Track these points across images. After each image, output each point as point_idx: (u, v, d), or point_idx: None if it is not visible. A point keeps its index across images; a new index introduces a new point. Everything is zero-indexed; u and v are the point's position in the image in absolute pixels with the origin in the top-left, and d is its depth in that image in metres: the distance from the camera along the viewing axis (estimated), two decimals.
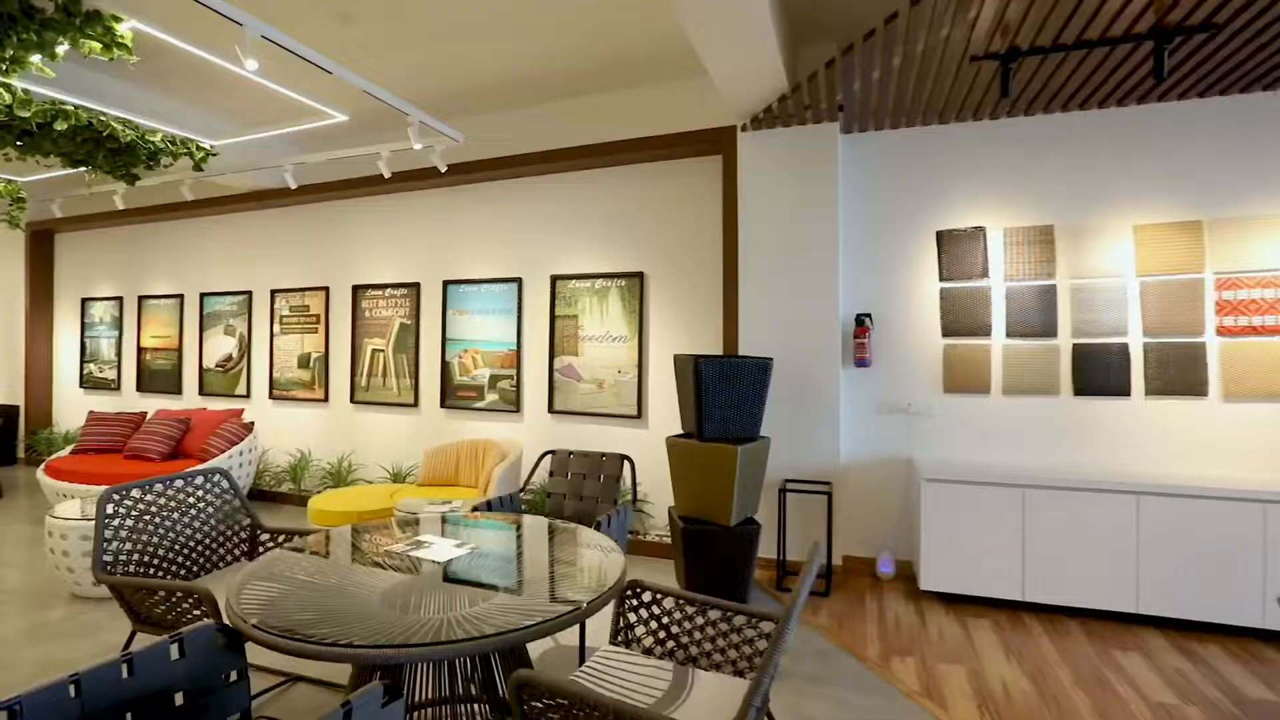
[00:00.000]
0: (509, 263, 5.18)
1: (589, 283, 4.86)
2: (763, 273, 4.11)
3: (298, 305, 6.03)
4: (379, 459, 5.65)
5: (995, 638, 3.17)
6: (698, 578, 3.52)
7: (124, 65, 4.14)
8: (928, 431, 4.03)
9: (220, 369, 6.43)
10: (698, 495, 3.56)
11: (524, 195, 5.14)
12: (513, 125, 4.99)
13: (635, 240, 4.75)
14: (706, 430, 3.51)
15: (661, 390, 4.64)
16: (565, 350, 4.92)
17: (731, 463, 3.40)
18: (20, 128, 3.84)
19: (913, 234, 4.08)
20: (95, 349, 7.30)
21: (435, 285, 5.45)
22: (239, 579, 1.94)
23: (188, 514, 2.60)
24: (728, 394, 3.51)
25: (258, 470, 5.90)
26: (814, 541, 1.69)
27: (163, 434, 5.38)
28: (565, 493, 3.28)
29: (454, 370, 5.34)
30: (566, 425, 4.92)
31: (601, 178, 4.87)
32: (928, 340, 4.04)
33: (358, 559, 2.17)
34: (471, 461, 4.79)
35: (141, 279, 7.05)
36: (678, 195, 4.63)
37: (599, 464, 3.27)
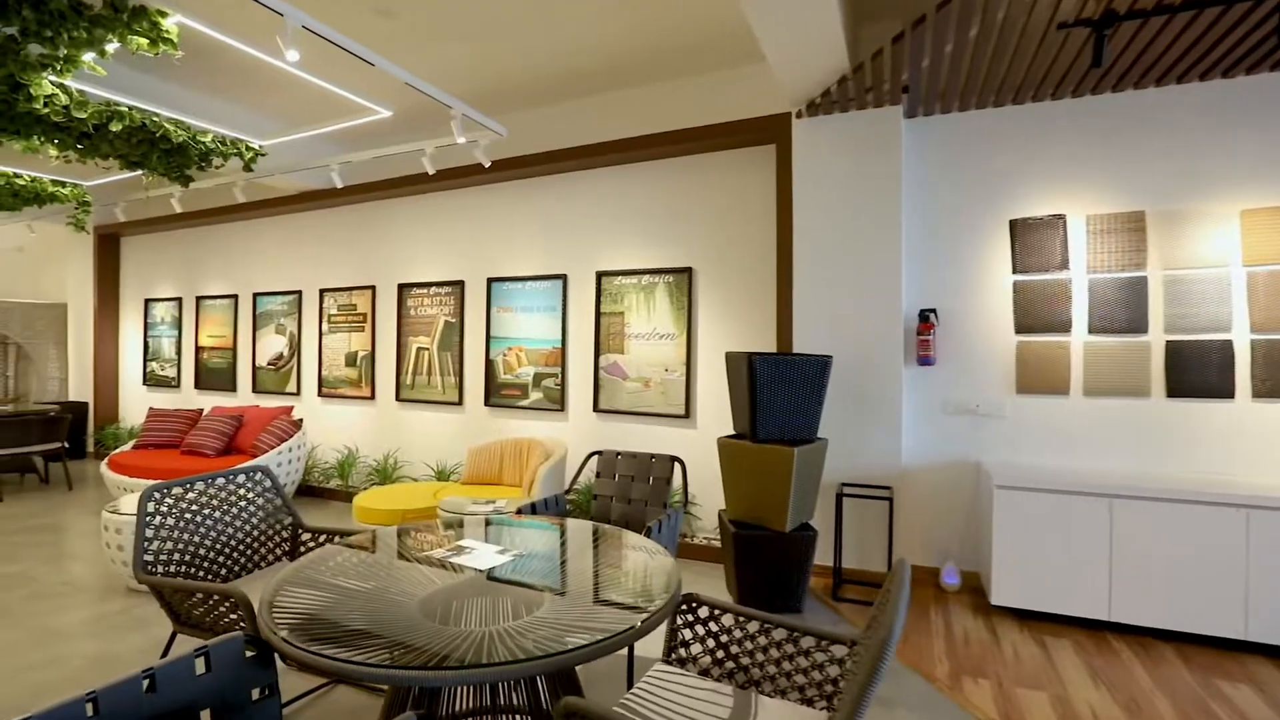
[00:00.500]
0: (554, 259, 5.08)
1: (635, 279, 4.71)
2: (819, 266, 3.88)
3: (345, 304, 6.07)
4: (423, 457, 5.63)
5: (1079, 660, 2.89)
6: (749, 585, 3.34)
7: (173, 67, 4.19)
8: (997, 434, 3.74)
9: (272, 367, 6.53)
10: (750, 499, 3.37)
11: (569, 190, 5.03)
12: (556, 120, 4.88)
13: (683, 235, 4.58)
14: (761, 431, 3.32)
15: (710, 389, 4.46)
16: (611, 348, 4.79)
17: (787, 465, 3.20)
18: (79, 129, 3.92)
19: (982, 224, 3.80)
20: (157, 348, 7.54)
21: (479, 283, 5.39)
22: (273, 584, 1.86)
23: (229, 513, 2.56)
24: (784, 393, 3.31)
25: (307, 466, 5.96)
26: (900, 559, 1.48)
27: (217, 430, 5.47)
28: (612, 495, 3.14)
29: (498, 368, 5.27)
30: (611, 425, 4.79)
31: (648, 171, 4.72)
32: (998, 337, 3.75)
33: (397, 563, 2.07)
34: (515, 460, 4.71)
35: (199, 280, 7.23)
36: (727, 187, 4.45)
37: (648, 465, 3.12)
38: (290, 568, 1.99)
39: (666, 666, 1.88)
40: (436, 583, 1.93)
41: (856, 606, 3.50)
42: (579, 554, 2.20)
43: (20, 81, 3.25)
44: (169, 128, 4.08)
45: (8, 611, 3.47)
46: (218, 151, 4.37)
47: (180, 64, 4.08)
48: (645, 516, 3.02)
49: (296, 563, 2.04)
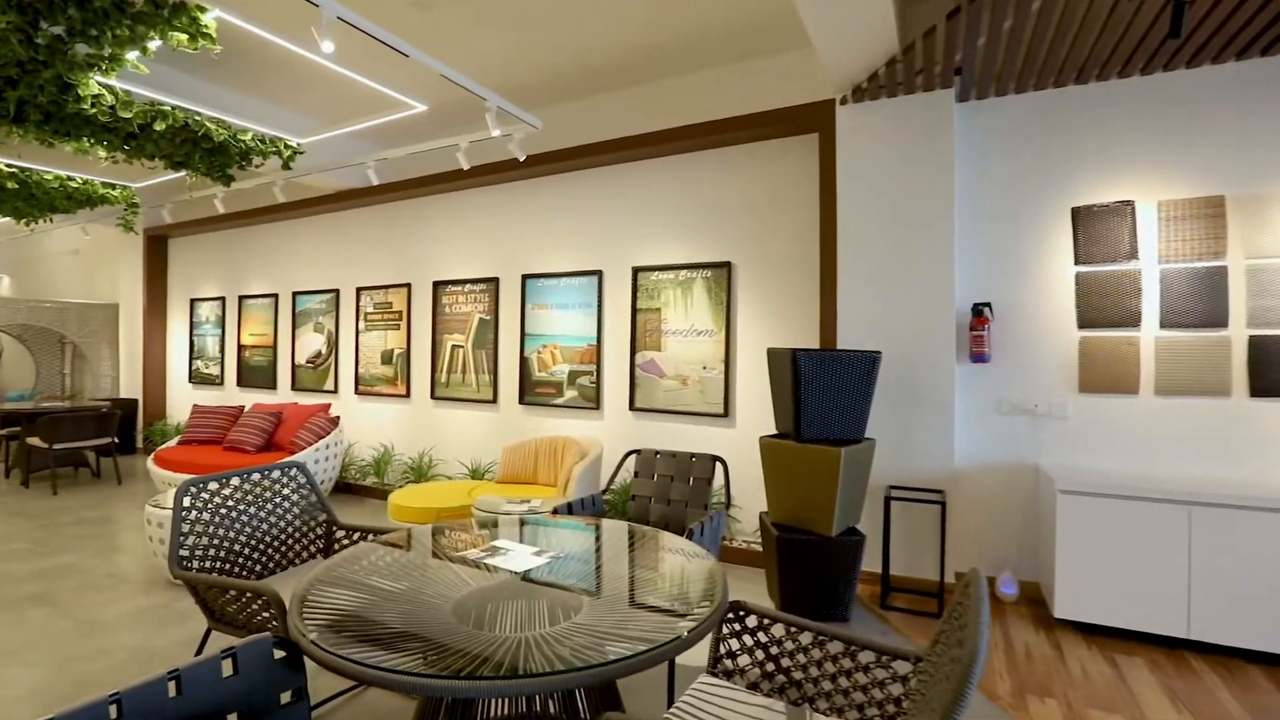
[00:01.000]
0: (589, 255, 5.00)
1: (672, 274, 4.60)
2: (865, 259, 3.72)
3: (381, 302, 6.10)
4: (458, 455, 5.61)
5: (1155, 681, 2.67)
6: (793, 591, 3.19)
7: (213, 68, 4.22)
8: (1058, 435, 3.52)
9: (310, 365, 6.61)
10: (795, 501, 3.23)
11: (604, 185, 4.94)
12: (592, 113, 4.80)
13: (722, 228, 4.45)
14: (805, 430, 3.18)
15: (750, 387, 4.32)
16: (647, 345, 4.68)
17: (834, 467, 3.05)
18: (125, 130, 3.98)
19: (1041, 212, 3.58)
20: (202, 346, 7.72)
21: (514, 279, 5.35)
22: (305, 583, 1.80)
23: (264, 509, 2.53)
24: (829, 391, 3.16)
25: (343, 464, 6.01)
26: (972, 569, 1.34)
27: (257, 427, 5.54)
28: (651, 495, 3.03)
29: (533, 366, 5.22)
30: (648, 423, 4.69)
31: (685, 164, 4.61)
32: (1059, 332, 3.53)
33: (431, 563, 2.00)
34: (550, 459, 4.64)
35: (241, 279, 7.37)
36: (768, 179, 4.30)
37: (688, 465, 3.00)
38: (323, 566, 1.93)
39: (712, 679, 1.77)
40: (471, 584, 1.85)
41: (907, 616, 3.32)
42: (617, 556, 2.10)
43: (69, 82, 3.30)
44: (210, 127, 4.12)
45: (59, 601, 3.54)
46: (257, 150, 4.40)
47: (219, 64, 4.12)
48: (685, 518, 2.91)
49: (330, 560, 1.99)
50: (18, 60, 3.22)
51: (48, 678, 2.73)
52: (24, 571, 3.99)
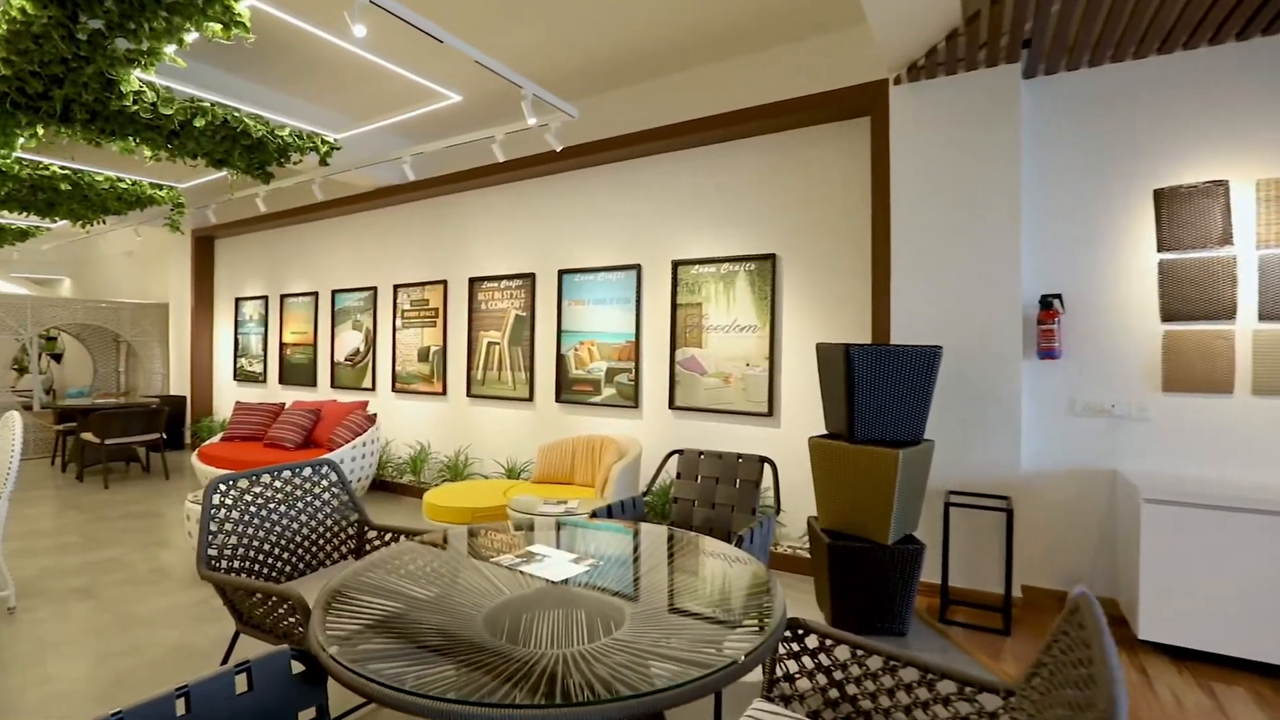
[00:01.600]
0: (627, 249, 4.86)
1: (714, 267, 4.42)
2: (922, 249, 3.48)
3: (418, 299, 6.07)
4: (494, 454, 5.54)
5: (1263, 716, 2.38)
6: (845, 603, 2.99)
7: (248, 64, 4.21)
8: (1139, 439, 3.23)
9: (349, 363, 6.64)
10: (847, 506, 3.02)
11: (643, 176, 4.79)
12: (629, 103, 4.66)
13: (766, 219, 4.26)
14: (859, 431, 2.97)
15: (795, 385, 4.12)
16: (688, 341, 4.51)
17: (891, 470, 2.84)
18: (167, 127, 4.00)
19: (1118, 195, 3.29)
20: (246, 344, 7.84)
21: (550, 275, 5.24)
22: (330, 587, 1.69)
23: (294, 507, 2.45)
24: (886, 389, 2.94)
25: (380, 461, 6.00)
26: (1082, 593, 1.14)
27: (297, 424, 5.56)
28: (694, 498, 2.86)
29: (569, 363, 5.10)
30: (689, 423, 4.52)
31: (727, 153, 4.42)
32: (1139, 325, 3.24)
33: (464, 568, 1.88)
34: (588, 459, 4.51)
35: (283, 278, 7.46)
36: (815, 166, 4.09)
37: (734, 467, 2.82)
38: (351, 569, 1.82)
39: (768, 704, 1.59)
40: (505, 592, 1.72)
41: (969, 632, 3.08)
42: (661, 565, 1.94)
43: (110, 77, 3.30)
44: (248, 123, 4.11)
45: (101, 595, 3.56)
46: (294, 146, 4.39)
47: (255, 62, 4.10)
48: (731, 523, 2.73)
49: (360, 563, 1.88)
50: (61, 58, 3.23)
51: (84, 674, 2.71)
52: (71, 565, 4.04)
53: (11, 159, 4.94)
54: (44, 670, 2.76)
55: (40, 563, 4.09)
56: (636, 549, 2.09)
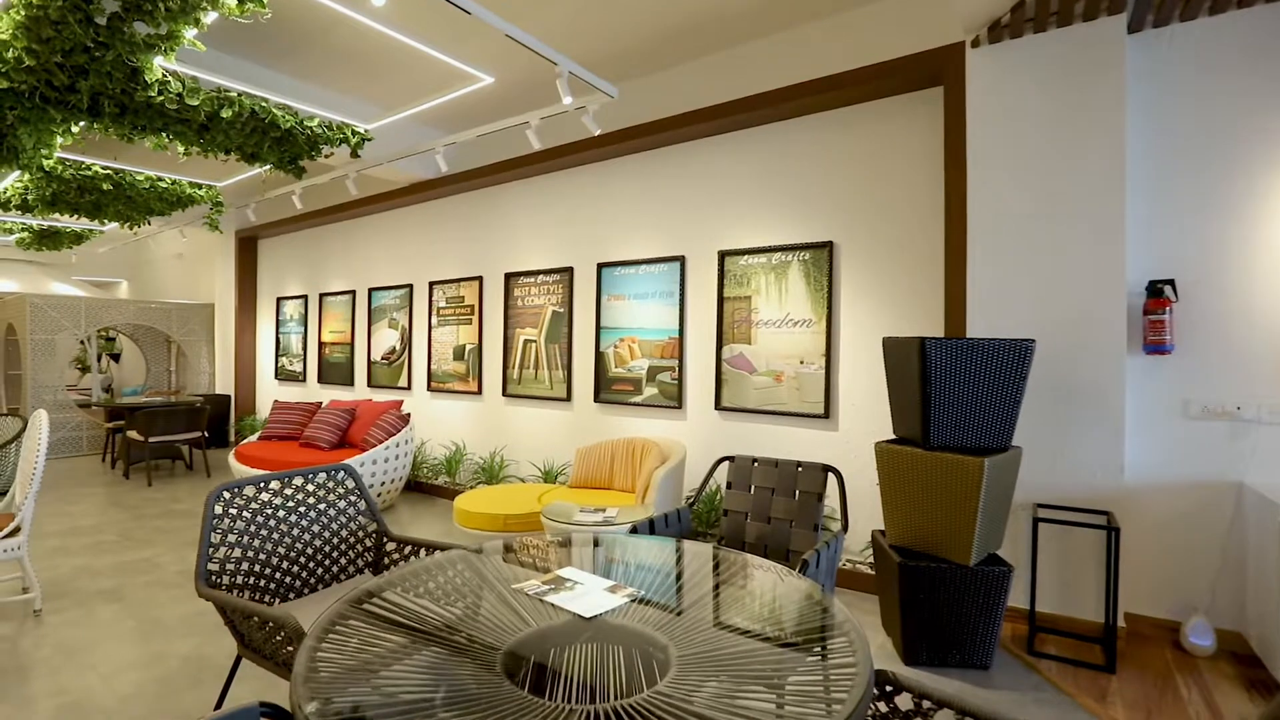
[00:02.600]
0: (670, 240, 4.56)
1: (764, 257, 4.09)
2: (1004, 232, 3.08)
3: (453, 296, 5.90)
4: (530, 455, 5.31)
5: None
6: (919, 629, 2.62)
7: (273, 55, 4.05)
8: (1270, 446, 2.76)
9: (385, 361, 6.52)
10: (921, 521, 2.66)
11: (686, 162, 4.48)
12: (670, 84, 4.35)
13: (822, 204, 3.90)
14: (935, 435, 2.60)
15: (855, 384, 3.75)
16: (735, 337, 4.19)
17: (974, 482, 2.47)
18: (195, 120, 3.89)
19: (1242, 164, 2.83)
20: (287, 344, 7.85)
21: (589, 269, 4.98)
22: (325, 617, 1.45)
23: (305, 517, 2.23)
24: (967, 387, 2.57)
25: (415, 462, 5.85)
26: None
27: (332, 424, 5.45)
28: (747, 511, 2.54)
29: (609, 361, 4.83)
30: (736, 425, 4.19)
31: (778, 133, 4.08)
32: (1272, 315, 2.77)
33: (484, 592, 1.61)
34: (627, 463, 4.23)
35: (322, 277, 7.42)
36: (877, 144, 3.71)
37: (793, 476, 2.49)
38: (356, 592, 1.58)
39: None
40: (530, 623, 1.45)
41: (1064, 667, 2.67)
42: (711, 595, 1.63)
43: (129, 63, 3.18)
44: (276, 113, 3.98)
45: (128, 598, 3.45)
46: (324, 137, 4.24)
47: (280, 50, 3.96)
48: (790, 540, 2.40)
49: (371, 583, 1.64)
50: (83, 46, 3.13)
51: (98, 686, 2.57)
52: (104, 565, 3.97)
53: (54, 159, 4.95)
54: (58, 680, 2.63)
55: (75, 561, 4.03)
56: (681, 575, 1.79)
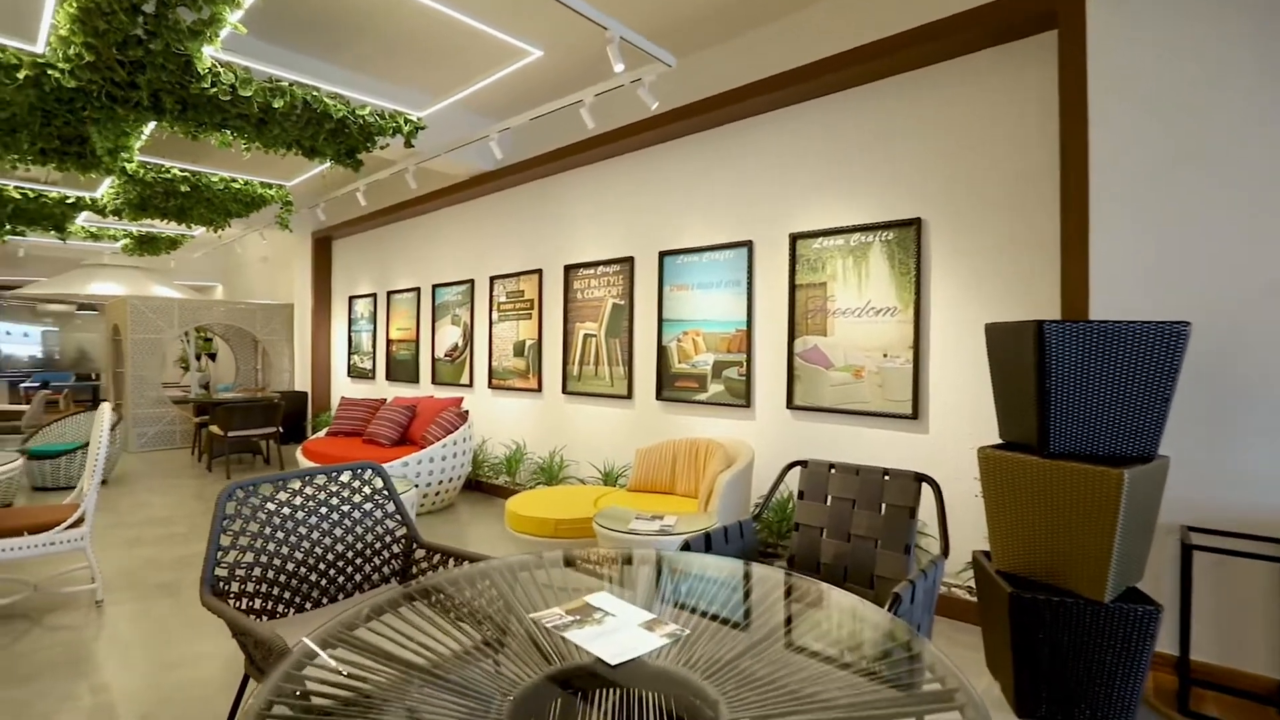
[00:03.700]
0: (736, 224, 4.20)
1: (841, 239, 3.66)
2: (1137, 194, 2.55)
3: (513, 291, 5.75)
4: (589, 456, 5.07)
5: None
6: (1036, 677, 2.16)
7: (320, 45, 3.96)
8: None
9: (448, 358, 6.47)
10: (1038, 543, 2.20)
11: (751, 138, 4.11)
12: (734, 55, 3.99)
13: (907, 177, 3.44)
14: (1055, 440, 2.14)
15: (948, 379, 3.28)
16: (809, 329, 3.78)
17: (1110, 497, 2.00)
18: (253, 115, 3.87)
19: None
20: (358, 341, 7.98)
21: (650, 258, 4.69)
22: (319, 636, 1.21)
23: (327, 519, 2.04)
24: (1098, 382, 2.10)
25: (476, 460, 5.73)
26: None
27: (393, 420, 5.41)
28: (822, 527, 2.17)
29: (671, 356, 4.52)
30: (810, 425, 3.78)
31: (855, 100, 3.64)
32: None
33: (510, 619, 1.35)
34: (690, 465, 3.90)
35: (390, 275, 7.49)
36: (972, 104, 3.23)
37: (878, 486, 2.10)
38: (362, 607, 1.34)
39: None
40: (552, 662, 1.17)
41: None
42: (778, 638, 1.29)
43: (178, 52, 3.14)
44: (328, 103, 3.91)
45: (182, 594, 3.45)
46: (377, 127, 4.15)
47: (327, 41, 3.86)
48: (875, 563, 2.01)
49: (385, 595, 1.40)
50: (137, 38, 3.12)
51: (135, 686, 2.51)
52: (168, 558, 4.01)
53: (135, 162, 5.12)
54: (101, 677, 2.59)
55: (145, 553, 4.11)
56: (744, 607, 1.46)
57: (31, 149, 4.40)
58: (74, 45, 3.14)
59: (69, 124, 4.05)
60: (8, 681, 2.55)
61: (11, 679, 2.57)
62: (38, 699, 2.41)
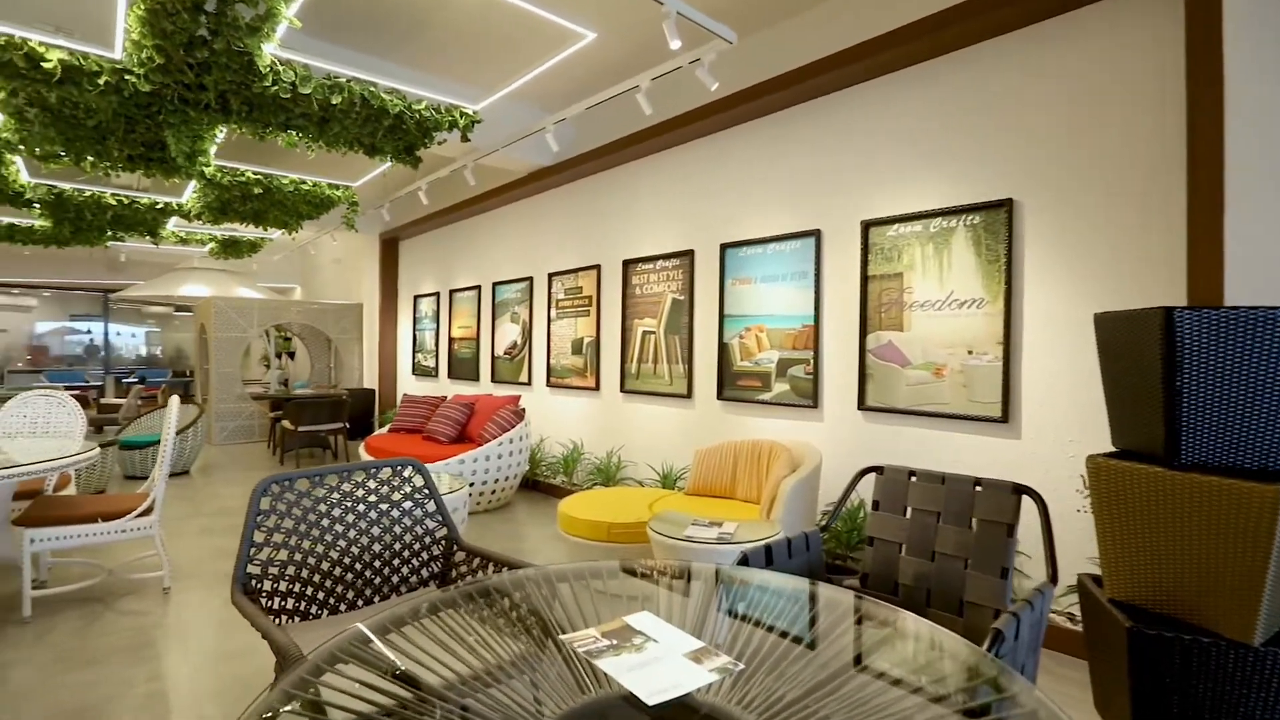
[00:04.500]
0: (802, 212, 3.93)
1: (920, 225, 3.35)
2: None
3: (572, 287, 5.65)
4: (647, 457, 4.90)
5: None
6: None
7: (375, 42, 3.96)
8: None
9: (507, 356, 6.45)
10: (1164, 569, 1.87)
11: (818, 120, 3.84)
12: (799, 30, 3.73)
13: (997, 153, 3.10)
14: (1189, 449, 1.81)
15: (1044, 378, 2.92)
16: (884, 323, 3.49)
17: (1260, 519, 1.66)
18: (315, 114, 3.90)
19: None
20: (422, 340, 8.12)
21: (711, 250, 4.48)
22: (328, 650, 1.09)
23: (365, 517, 1.95)
24: (1244, 381, 1.76)
25: (533, 460, 5.66)
26: None
27: (452, 418, 5.41)
28: (902, 542, 1.91)
29: (733, 354, 4.29)
30: (884, 427, 3.49)
31: (936, 72, 3.33)
32: None
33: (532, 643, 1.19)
34: (752, 468, 3.67)
35: (451, 274, 7.56)
36: (1078, 70, 2.86)
37: (968, 498, 1.82)
38: (381, 616, 1.22)
39: None
40: (585, 691, 1.01)
41: None
42: (853, 682, 1.08)
43: (238, 49, 3.18)
44: (385, 98, 3.91)
45: None
46: (433, 121, 4.13)
47: (381, 38, 3.86)
48: (965, 588, 1.73)
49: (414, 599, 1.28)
50: (202, 38, 3.17)
51: (189, 676, 2.53)
52: (235, 548, 4.09)
53: (212, 166, 5.33)
54: (160, 664, 2.62)
55: (214, 543, 4.22)
56: (810, 636, 1.25)
57: (120, 156, 4.63)
58: (145, 49, 3.23)
59: (149, 129, 4.22)
60: (76, 664, 2.61)
61: (79, 662, 2.63)
62: (101, 683, 2.46)
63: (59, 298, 14.09)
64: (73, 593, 3.32)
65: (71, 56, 3.45)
